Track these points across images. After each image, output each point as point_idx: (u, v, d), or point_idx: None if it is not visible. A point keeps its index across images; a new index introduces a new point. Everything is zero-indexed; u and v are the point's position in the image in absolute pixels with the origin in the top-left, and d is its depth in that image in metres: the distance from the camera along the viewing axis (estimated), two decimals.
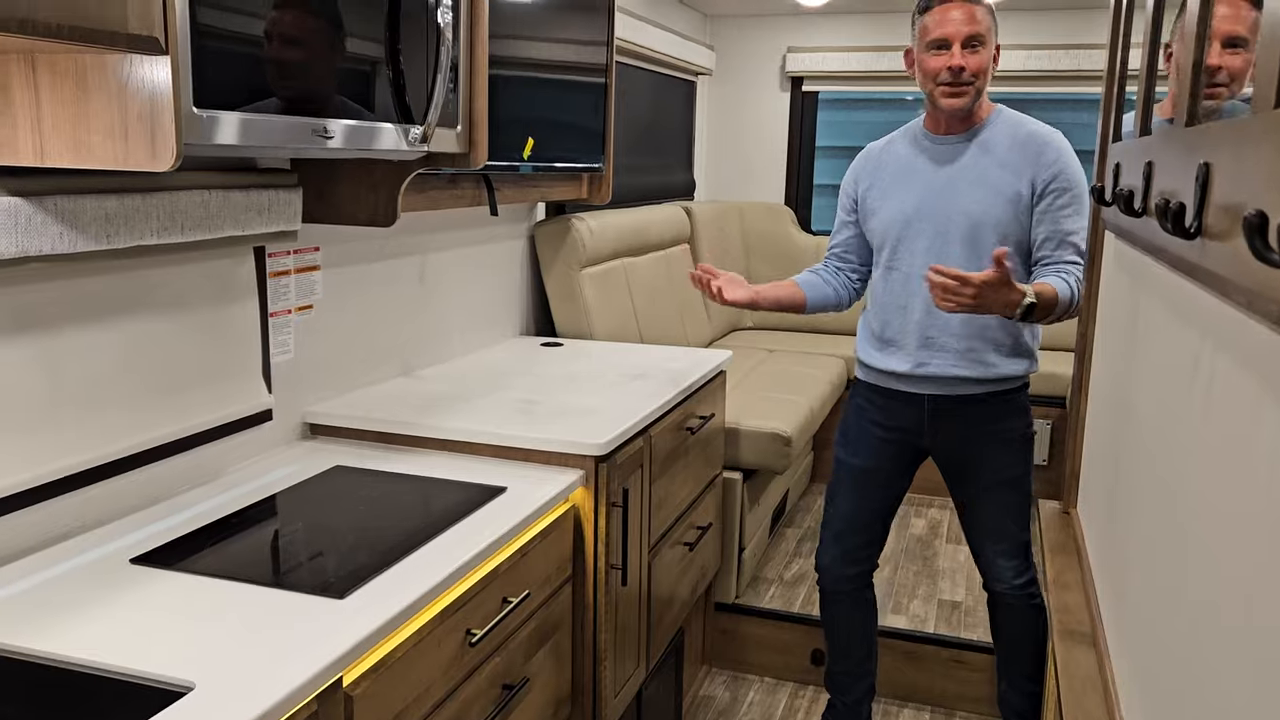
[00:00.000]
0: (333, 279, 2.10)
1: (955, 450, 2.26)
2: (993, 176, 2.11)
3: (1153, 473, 0.90)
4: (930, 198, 2.16)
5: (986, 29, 2.08)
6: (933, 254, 2.14)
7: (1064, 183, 2.08)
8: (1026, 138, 2.12)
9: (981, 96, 2.13)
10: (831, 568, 2.42)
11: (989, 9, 2.08)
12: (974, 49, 2.07)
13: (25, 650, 1.16)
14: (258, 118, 1.27)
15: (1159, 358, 0.91)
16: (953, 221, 2.13)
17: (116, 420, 1.57)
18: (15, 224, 1.28)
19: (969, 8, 2.07)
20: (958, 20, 2.06)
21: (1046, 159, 2.09)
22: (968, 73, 2.07)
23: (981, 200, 2.11)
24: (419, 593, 1.35)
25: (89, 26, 1.00)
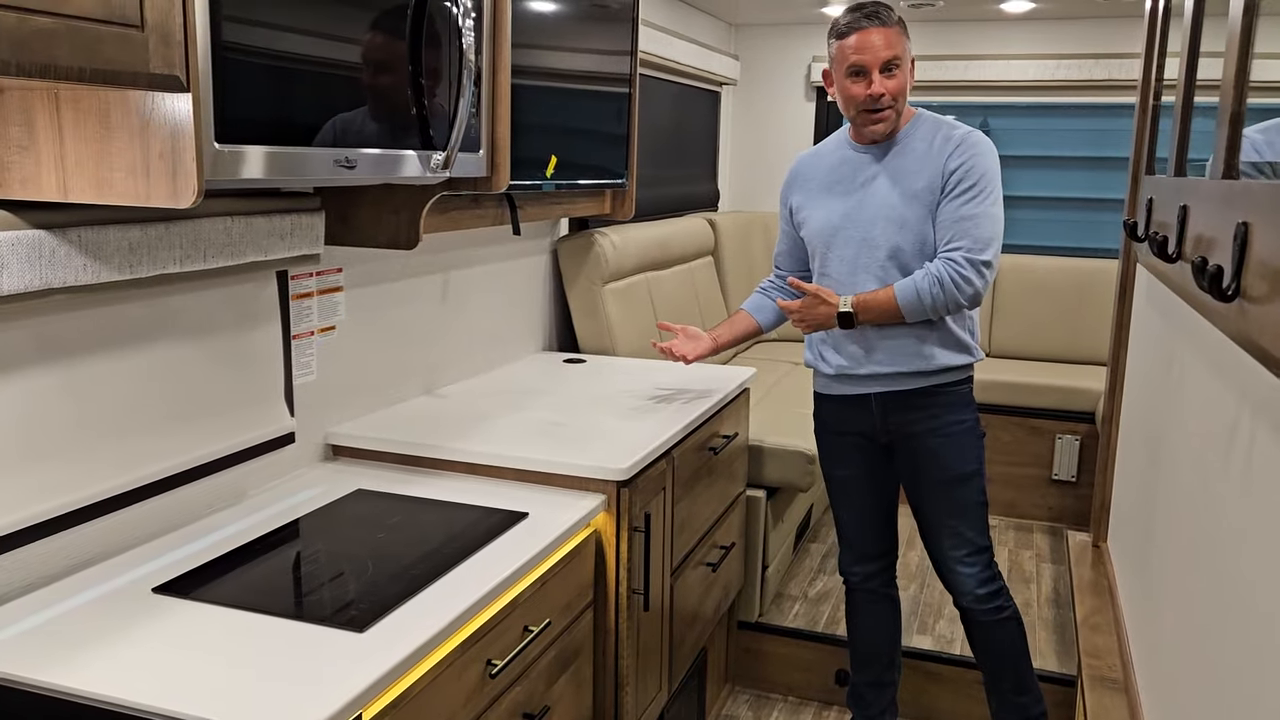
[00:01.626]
0: (355, 299, 2.11)
1: (905, 445, 2.28)
2: (908, 180, 2.14)
3: (1191, 531, 0.88)
4: (853, 206, 2.20)
5: (902, 49, 2.10)
6: (860, 260, 2.19)
7: (961, 174, 2.08)
8: (942, 140, 2.13)
9: (905, 102, 2.16)
10: (850, 568, 2.46)
11: (901, 27, 2.10)
12: (890, 73, 2.09)
13: (48, 685, 1.16)
14: (280, 150, 1.27)
15: (1196, 410, 0.88)
16: (875, 226, 2.17)
17: (140, 446, 1.57)
18: (39, 257, 1.29)
19: (885, 32, 2.08)
20: (875, 46, 2.08)
21: (956, 153, 2.10)
22: (887, 97, 2.11)
23: (898, 204, 2.14)
24: (439, 626, 1.34)
25: (111, 69, 1.00)
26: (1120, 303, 1.54)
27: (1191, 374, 0.91)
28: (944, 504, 2.26)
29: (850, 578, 2.46)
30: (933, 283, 2.06)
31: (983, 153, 2.10)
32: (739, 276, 4.27)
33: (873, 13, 2.10)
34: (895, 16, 2.10)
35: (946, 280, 2.05)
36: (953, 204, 2.08)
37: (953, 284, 2.05)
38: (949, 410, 2.22)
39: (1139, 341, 1.40)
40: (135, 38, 1.02)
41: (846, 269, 2.21)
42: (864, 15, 2.10)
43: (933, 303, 2.07)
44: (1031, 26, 4.36)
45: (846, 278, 2.20)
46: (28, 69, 0.92)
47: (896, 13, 2.11)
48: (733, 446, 2.59)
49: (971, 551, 2.25)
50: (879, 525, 2.42)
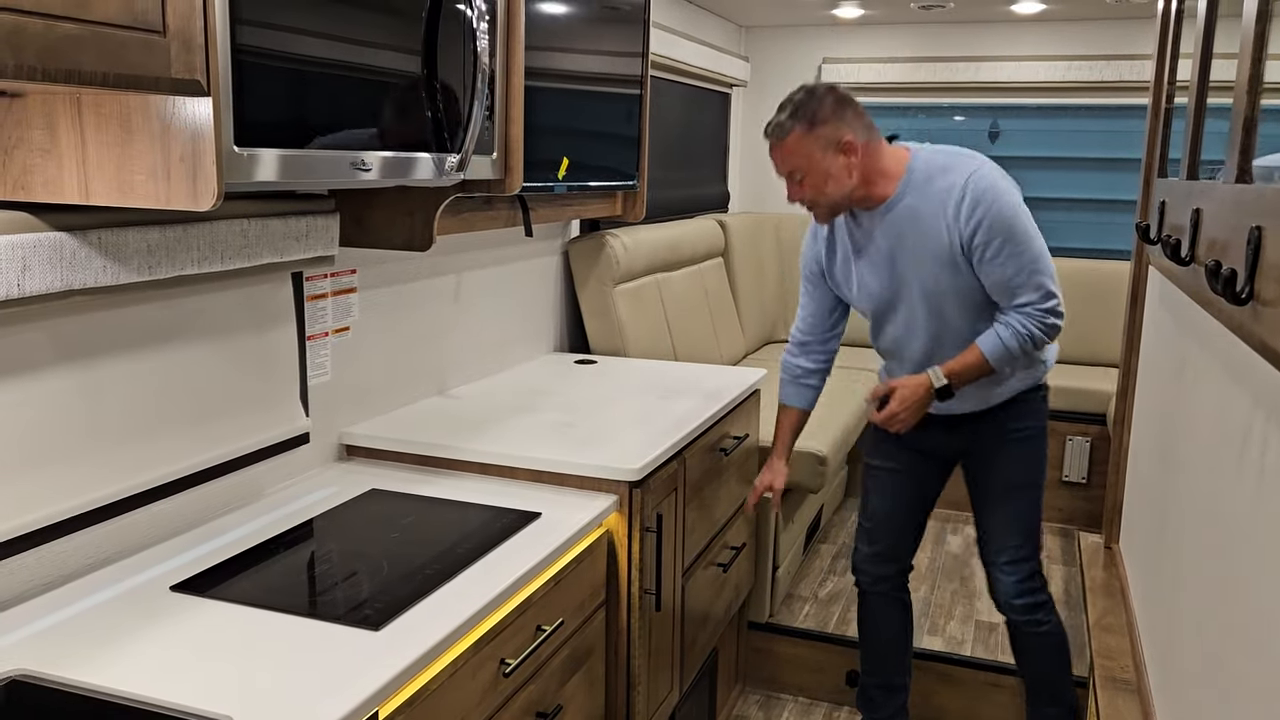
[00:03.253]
0: (369, 300, 2.12)
1: (973, 453, 2.29)
2: (925, 245, 2.09)
3: (1204, 533, 0.88)
4: (884, 276, 2.18)
5: (801, 159, 2.07)
6: (909, 322, 2.19)
7: (985, 235, 2.02)
8: (940, 195, 2.06)
9: (842, 191, 2.09)
10: (865, 565, 2.44)
11: (801, 131, 2.05)
12: (798, 182, 2.10)
13: (70, 682, 1.18)
14: (296, 153, 1.28)
15: (1209, 413, 0.89)
16: (911, 292, 2.16)
17: (157, 447, 1.59)
18: (60, 259, 1.30)
19: (779, 147, 2.09)
20: (775, 161, 2.12)
21: (962, 214, 2.03)
22: (805, 199, 2.12)
23: (924, 271, 2.12)
24: (454, 625, 1.35)
25: (134, 74, 1.01)
26: (1132, 305, 1.54)
27: (1204, 377, 0.91)
28: (994, 509, 2.27)
29: (862, 577, 2.46)
30: (1020, 338, 2.05)
31: (990, 202, 2.02)
32: (749, 278, 4.28)
33: (770, 127, 2.10)
34: (784, 124, 2.06)
35: (1035, 331, 2.04)
36: (993, 268, 2.04)
37: (1041, 332, 2.04)
38: (1016, 419, 2.22)
39: (1151, 344, 1.41)
40: (158, 43, 1.04)
41: (900, 332, 2.22)
42: (765, 129, 2.12)
43: (1023, 352, 2.07)
44: (1042, 28, 4.35)
45: (903, 337, 2.22)
46: (54, 74, 0.94)
47: (794, 110, 2.05)
48: (743, 447, 2.60)
49: (1012, 560, 2.24)
50: (905, 527, 2.41)
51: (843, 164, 2.06)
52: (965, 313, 2.13)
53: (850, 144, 2.05)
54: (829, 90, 2.08)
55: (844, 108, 2.07)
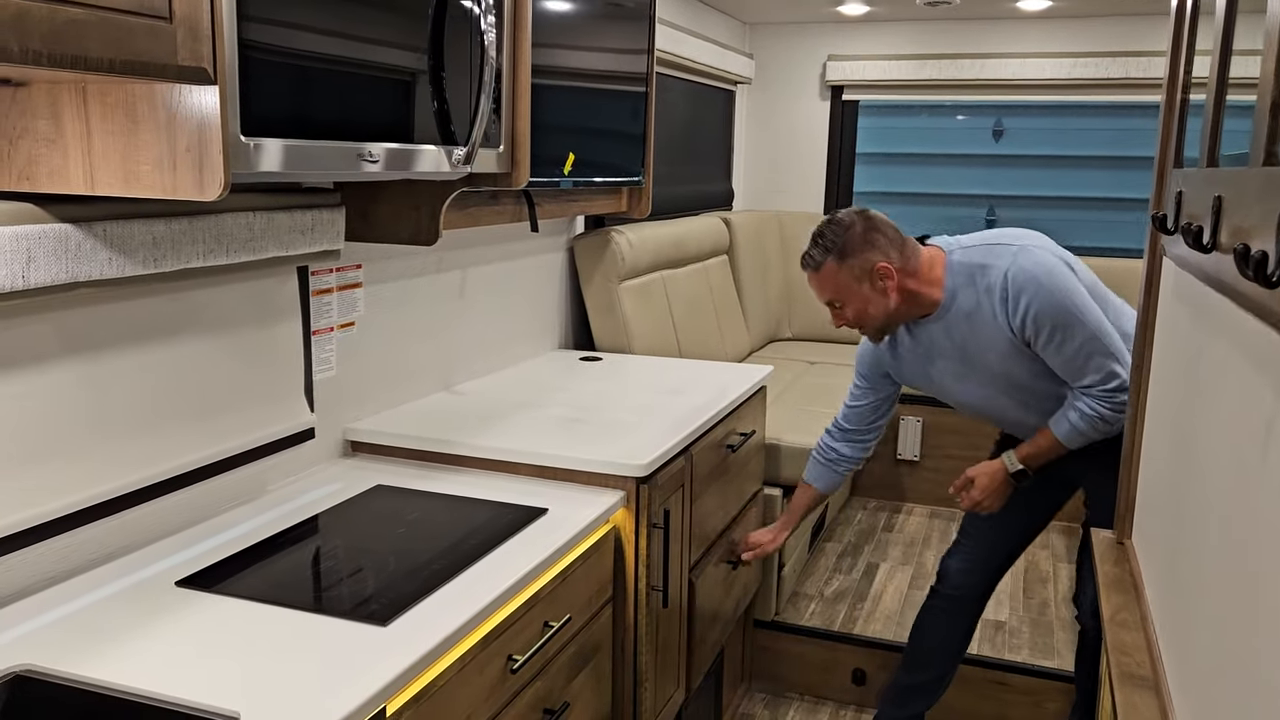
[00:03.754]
0: (374, 295, 2.11)
1: (1091, 476, 2.24)
2: (987, 343, 2.08)
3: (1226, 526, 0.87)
4: (958, 371, 2.17)
5: (836, 290, 2.09)
6: (991, 401, 2.19)
7: (1034, 325, 2.00)
8: (984, 295, 2.05)
9: (883, 314, 2.09)
10: (953, 576, 2.40)
11: (833, 265, 2.06)
12: (839, 309, 2.11)
13: (75, 676, 1.17)
14: (303, 144, 1.27)
15: (1230, 403, 0.87)
16: (987, 383, 2.15)
17: (163, 441, 1.58)
18: (65, 250, 1.29)
19: (814, 278, 2.11)
20: (814, 290, 2.15)
21: (1009, 309, 2.02)
22: (850, 323, 2.14)
23: (993, 363, 2.10)
24: (461, 620, 1.34)
25: (141, 60, 1.00)
26: (1146, 298, 1.52)
27: (1226, 368, 0.90)
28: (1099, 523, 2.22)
29: (945, 585, 2.40)
30: (1089, 419, 2.03)
31: (1032, 293, 1.99)
32: (754, 276, 4.27)
33: (805, 258, 2.11)
34: (816, 256, 2.07)
35: (1104, 412, 2.02)
36: (1050, 353, 2.02)
37: (1111, 411, 2.02)
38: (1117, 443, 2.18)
39: (1165, 336, 1.39)
40: (164, 29, 1.03)
41: (988, 406, 2.22)
42: (802, 259, 2.13)
43: (1095, 431, 2.05)
44: (1048, 24, 4.34)
45: (990, 408, 2.22)
46: (60, 60, 0.92)
47: (826, 244, 2.07)
48: (750, 444, 2.59)
49: None
50: (1005, 546, 2.37)
51: (880, 289, 2.06)
52: (1047, 381, 2.10)
53: (885, 270, 2.05)
54: (856, 216, 2.08)
55: (874, 232, 2.06)
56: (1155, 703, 1.01)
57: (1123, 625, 1.21)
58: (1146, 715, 0.99)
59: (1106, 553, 1.46)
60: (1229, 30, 1.00)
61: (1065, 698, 2.67)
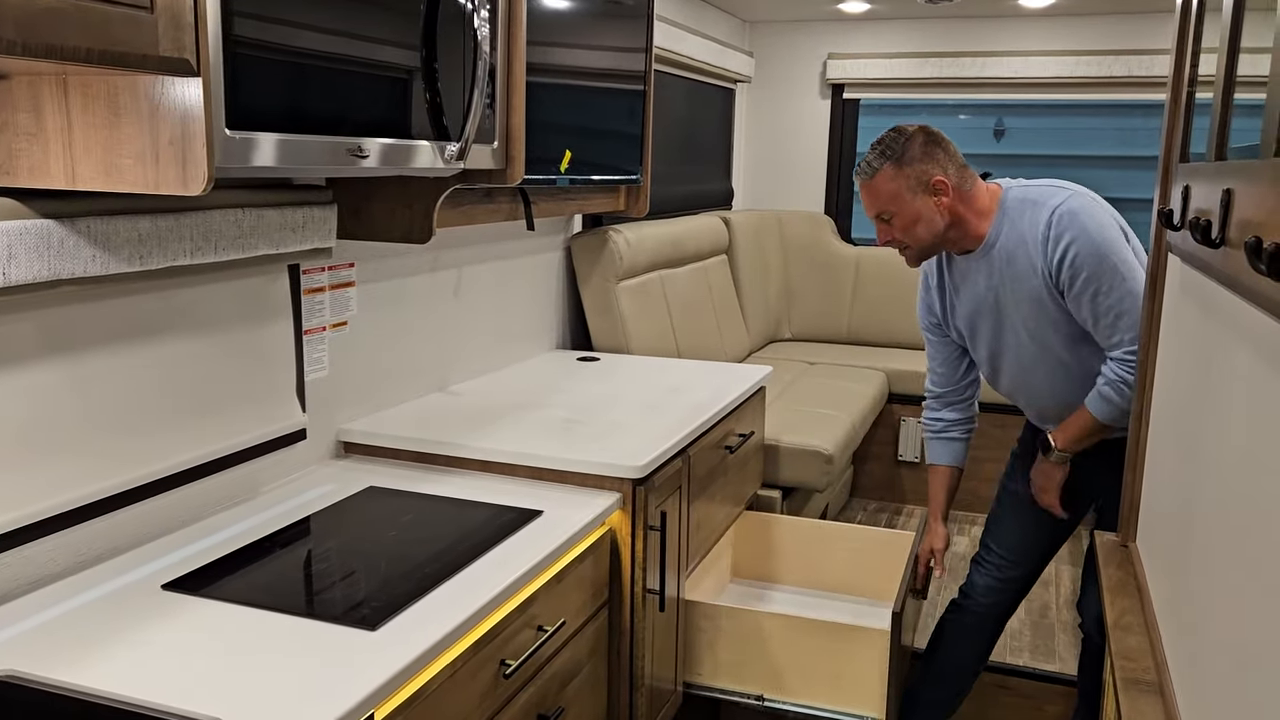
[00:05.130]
0: (367, 295, 2.08)
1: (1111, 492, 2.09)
2: (1021, 286, 2.03)
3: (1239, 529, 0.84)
4: (990, 321, 2.12)
5: (889, 198, 2.02)
6: (1021, 365, 2.13)
7: (1071, 268, 1.94)
8: (1029, 231, 2.00)
9: (933, 233, 2.04)
10: (978, 590, 2.32)
11: (890, 170, 2.00)
12: (886, 221, 2.05)
13: (58, 683, 1.14)
14: (291, 138, 1.25)
15: (1242, 402, 0.85)
16: (1019, 335, 2.09)
17: (149, 442, 1.55)
18: (47, 247, 1.27)
19: (868, 185, 2.04)
20: (865, 202, 2.07)
21: (1048, 247, 1.97)
22: (895, 241, 2.07)
23: (1024, 311, 2.05)
24: (452, 625, 1.31)
25: (120, 50, 0.98)
26: (1151, 296, 1.50)
27: (1238, 365, 0.87)
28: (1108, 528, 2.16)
29: (973, 605, 2.33)
30: (1120, 389, 1.96)
31: (1077, 231, 1.94)
32: (753, 275, 4.24)
33: (859, 166, 2.06)
34: (873, 163, 2.02)
35: (1132, 378, 1.91)
36: (1082, 303, 1.96)
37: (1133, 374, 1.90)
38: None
39: (1170, 335, 1.37)
40: (144, 19, 1.00)
41: (1017, 372, 2.15)
42: (855, 169, 2.08)
43: (1126, 401, 1.95)
44: (1050, 22, 4.31)
45: (1020, 376, 2.15)
46: (35, 49, 0.90)
47: (883, 150, 2.02)
48: (748, 445, 2.56)
49: None
50: (1036, 555, 2.29)
51: (933, 205, 2.01)
52: (1074, 348, 2.04)
53: (941, 183, 2.00)
54: (920, 129, 2.04)
55: (935, 146, 2.02)
56: (1161, 708, 0.99)
57: (1127, 630, 1.18)
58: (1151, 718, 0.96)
59: (1110, 556, 1.43)
60: (1237, 23, 0.98)
61: (1066, 701, 2.64)
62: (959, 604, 2.36)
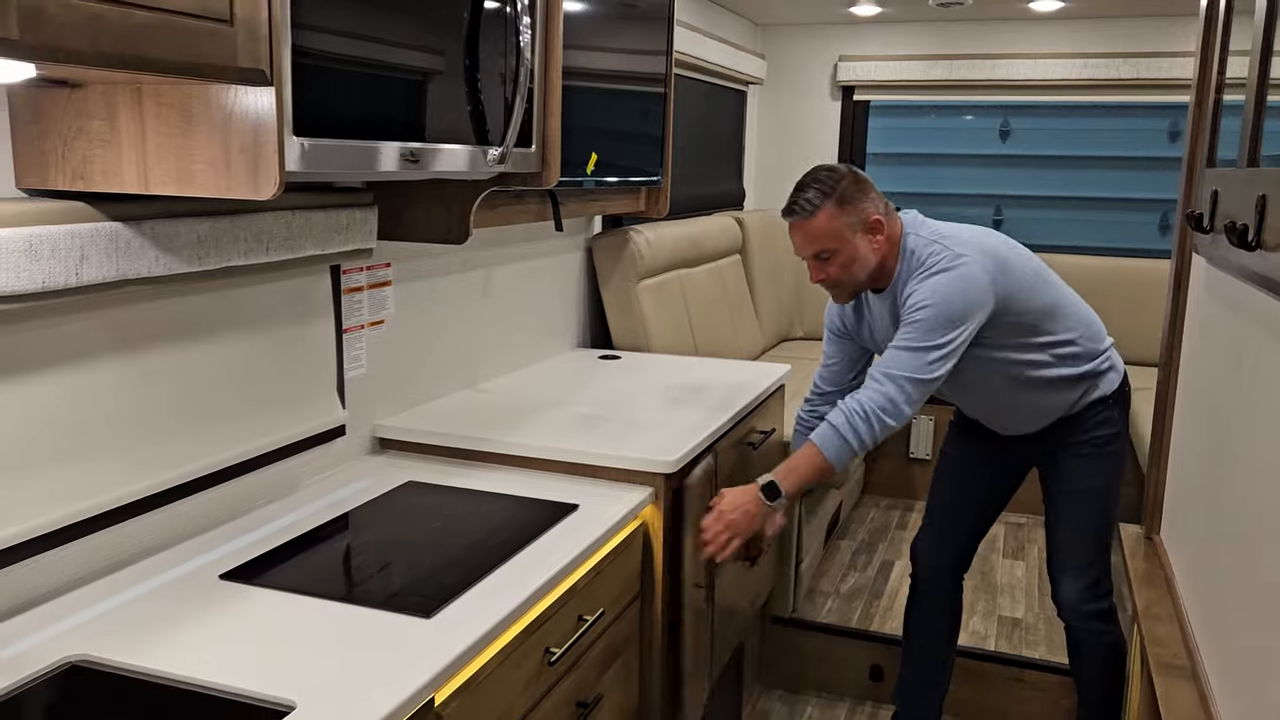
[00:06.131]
0: (402, 294, 2.13)
1: (1046, 460, 2.29)
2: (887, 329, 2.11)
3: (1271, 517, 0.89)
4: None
5: (829, 237, 2.00)
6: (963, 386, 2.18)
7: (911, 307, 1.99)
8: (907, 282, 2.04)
9: (865, 272, 2.05)
10: (925, 554, 2.44)
11: (831, 209, 1.99)
12: (825, 260, 2.03)
13: (129, 666, 1.19)
14: (351, 144, 1.30)
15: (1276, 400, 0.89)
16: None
17: (203, 437, 1.60)
18: (116, 249, 1.31)
19: (804, 227, 2.02)
20: (800, 241, 2.05)
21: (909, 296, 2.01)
22: (830, 280, 2.07)
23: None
24: (503, 613, 1.36)
25: (204, 62, 1.03)
26: (1175, 297, 1.54)
27: (1272, 363, 0.92)
28: (1060, 517, 2.26)
29: (920, 567, 2.46)
30: (851, 415, 1.96)
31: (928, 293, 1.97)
32: (765, 275, 4.29)
33: (791, 205, 2.04)
34: (813, 201, 2.00)
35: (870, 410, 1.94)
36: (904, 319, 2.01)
37: (878, 410, 1.94)
38: (1081, 428, 2.20)
39: (1198, 335, 1.41)
40: (225, 32, 1.05)
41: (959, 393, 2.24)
42: (787, 208, 2.05)
43: (861, 438, 1.96)
44: (1059, 26, 4.36)
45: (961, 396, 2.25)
46: (129, 62, 0.95)
47: (822, 188, 2.00)
48: (770, 442, 2.61)
49: (1079, 565, 2.22)
50: (970, 520, 2.40)
51: (869, 243, 2.03)
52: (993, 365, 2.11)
53: (879, 223, 2.03)
54: (849, 169, 2.06)
55: (867, 186, 2.05)
56: (1194, 690, 1.03)
57: (1156, 619, 1.23)
58: (1187, 702, 1.01)
59: (1135, 548, 1.48)
60: (1270, 31, 1.02)
61: None
62: (914, 575, 2.48)
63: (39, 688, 1.17)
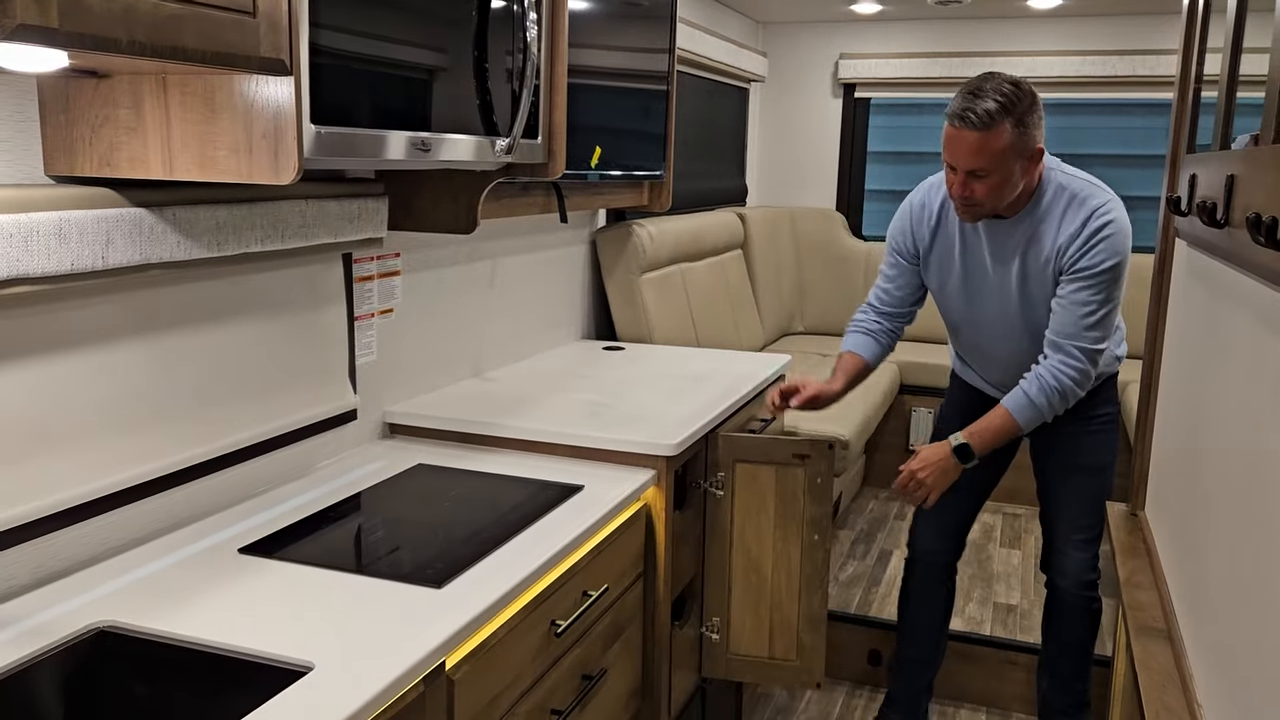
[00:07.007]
0: (411, 284, 2.19)
1: (1043, 434, 2.28)
2: (1034, 266, 2.07)
3: (1237, 480, 0.94)
4: (987, 288, 2.14)
5: (994, 156, 1.91)
6: (993, 333, 2.19)
7: (1087, 261, 1.96)
8: (1066, 225, 2.01)
9: (1009, 199, 2.01)
10: (922, 538, 2.49)
11: (1009, 128, 1.90)
12: (980, 178, 1.95)
13: (156, 632, 1.24)
14: (366, 132, 1.35)
15: (1243, 366, 0.95)
16: (1006, 310, 2.15)
17: (220, 418, 1.66)
18: (140, 233, 1.37)
19: (979, 137, 1.91)
20: (963, 152, 1.94)
21: (1081, 244, 1.98)
22: (973, 200, 1.99)
23: (1026, 292, 2.10)
24: (511, 584, 1.41)
25: (228, 51, 1.08)
26: (1159, 277, 1.60)
27: (1238, 332, 0.97)
28: (1067, 490, 2.28)
29: (917, 550, 2.51)
30: (1049, 392, 1.99)
31: (1109, 249, 1.95)
32: (767, 270, 4.34)
33: (966, 112, 1.92)
34: (994, 114, 1.88)
35: (1066, 384, 1.97)
36: (1069, 290, 1.98)
37: (1075, 384, 1.97)
38: (1090, 406, 2.21)
39: (1179, 314, 1.46)
40: (249, 23, 1.11)
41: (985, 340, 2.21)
42: (959, 112, 1.93)
43: (1052, 409, 2.02)
44: (1057, 23, 4.41)
45: (986, 345, 2.21)
46: (161, 51, 1.00)
47: (1006, 103, 1.89)
48: (769, 430, 2.66)
49: (1089, 539, 2.27)
50: (967, 499, 2.44)
51: (1022, 171, 1.94)
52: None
53: (1041, 152, 1.95)
54: (1030, 88, 1.95)
55: (1040, 110, 1.94)
56: (1170, 650, 1.08)
57: (1138, 586, 1.28)
58: (1162, 661, 1.06)
59: (1121, 523, 1.53)
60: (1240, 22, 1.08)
61: None
62: (911, 561, 2.53)
63: (69, 651, 1.23)
